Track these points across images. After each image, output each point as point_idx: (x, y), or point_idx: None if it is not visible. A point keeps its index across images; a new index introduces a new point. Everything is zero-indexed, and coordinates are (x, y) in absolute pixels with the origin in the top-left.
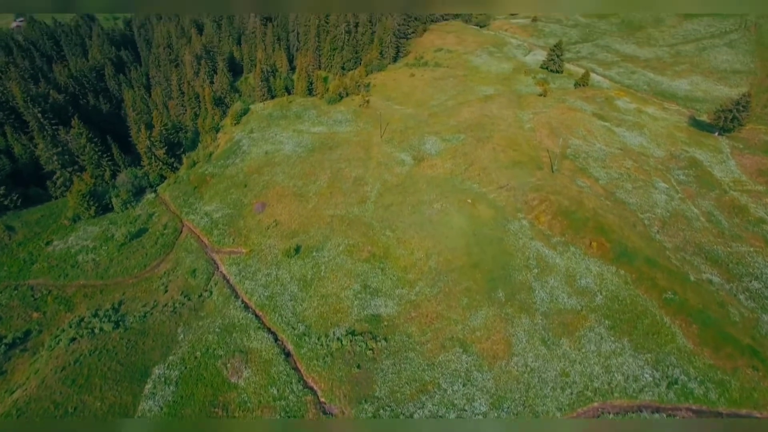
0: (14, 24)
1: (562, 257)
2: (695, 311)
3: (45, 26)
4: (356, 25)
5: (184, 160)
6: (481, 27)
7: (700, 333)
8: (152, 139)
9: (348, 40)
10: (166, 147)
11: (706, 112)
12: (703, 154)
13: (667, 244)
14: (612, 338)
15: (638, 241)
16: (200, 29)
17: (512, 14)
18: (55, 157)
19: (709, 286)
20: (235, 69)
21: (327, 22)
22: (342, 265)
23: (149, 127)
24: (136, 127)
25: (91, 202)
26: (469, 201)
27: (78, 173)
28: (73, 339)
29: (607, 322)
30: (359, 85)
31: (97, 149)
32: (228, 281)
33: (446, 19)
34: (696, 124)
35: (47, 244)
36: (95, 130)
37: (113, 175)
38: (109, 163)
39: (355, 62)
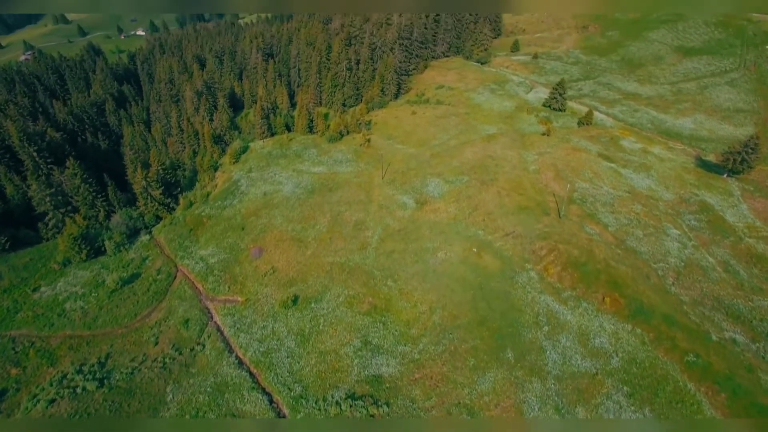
0: (23, 57)
1: (574, 313)
2: (722, 377)
3: (51, 60)
4: (357, 62)
5: (181, 200)
6: (482, 64)
7: (729, 403)
8: (148, 179)
9: (349, 76)
10: (163, 187)
11: (712, 152)
12: (713, 197)
13: (684, 297)
14: (632, 407)
15: (653, 295)
16: (202, 64)
17: (513, 50)
18: (47, 198)
19: (734, 346)
20: (236, 104)
21: (328, 59)
22: (342, 318)
23: (146, 166)
24: (132, 167)
25: (83, 245)
26: (475, 250)
27: (71, 214)
28: (53, 401)
29: (625, 388)
30: (360, 123)
31: (91, 190)
32: (222, 333)
33: (447, 56)
34: (703, 164)
35: (34, 290)
36: (92, 167)
37: (108, 216)
38: (104, 203)
39: (356, 99)
